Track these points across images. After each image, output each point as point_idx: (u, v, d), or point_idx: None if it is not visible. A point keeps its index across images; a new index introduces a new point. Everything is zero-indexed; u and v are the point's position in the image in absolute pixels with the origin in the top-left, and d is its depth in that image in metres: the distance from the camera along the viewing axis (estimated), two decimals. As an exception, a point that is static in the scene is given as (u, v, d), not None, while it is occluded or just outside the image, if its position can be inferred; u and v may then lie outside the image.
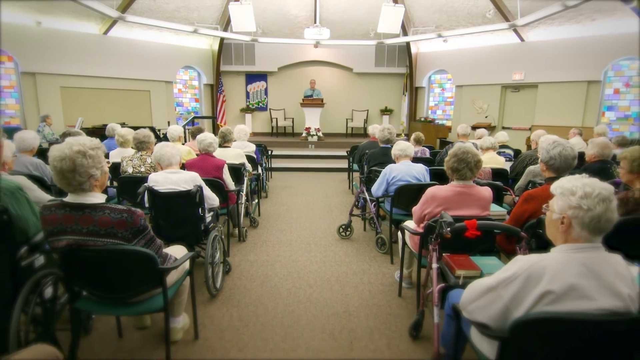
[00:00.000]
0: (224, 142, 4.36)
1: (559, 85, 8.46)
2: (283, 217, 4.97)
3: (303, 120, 10.60)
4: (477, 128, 6.62)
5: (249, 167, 4.59)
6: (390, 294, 2.90)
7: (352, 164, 6.54)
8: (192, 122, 9.36)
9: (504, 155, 4.71)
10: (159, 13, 8.92)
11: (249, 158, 4.78)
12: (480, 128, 6.37)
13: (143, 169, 3.29)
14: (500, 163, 4.20)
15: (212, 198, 2.95)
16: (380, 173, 3.54)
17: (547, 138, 2.41)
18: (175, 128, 4.64)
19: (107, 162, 1.80)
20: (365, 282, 3.11)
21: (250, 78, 11.83)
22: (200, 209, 2.78)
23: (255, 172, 5.06)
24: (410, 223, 2.71)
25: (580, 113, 8.23)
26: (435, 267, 2.08)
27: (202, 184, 2.80)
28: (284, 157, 8.89)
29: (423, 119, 10.74)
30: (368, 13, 9.63)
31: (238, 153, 4.36)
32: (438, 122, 10.77)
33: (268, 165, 7.30)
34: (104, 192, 1.82)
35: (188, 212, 2.73)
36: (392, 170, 3.45)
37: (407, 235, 2.70)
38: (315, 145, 9.99)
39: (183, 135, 5.65)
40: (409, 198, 3.13)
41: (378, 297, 2.86)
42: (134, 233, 1.74)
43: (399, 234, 2.92)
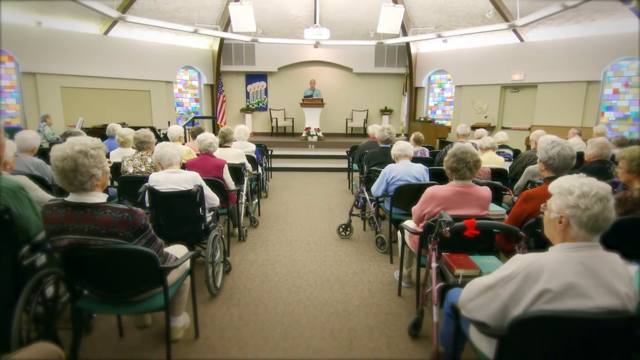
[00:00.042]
0: (224, 142, 4.38)
1: (559, 86, 8.47)
2: (283, 216, 4.98)
3: (303, 120, 10.61)
4: (476, 128, 6.64)
5: (249, 167, 4.61)
6: (390, 293, 2.91)
7: (351, 164, 6.55)
8: (192, 122, 9.37)
9: (504, 155, 4.72)
10: (159, 13, 8.93)
11: (249, 158, 4.79)
12: (480, 128, 6.39)
13: (144, 169, 3.31)
14: (500, 163, 4.21)
15: (212, 198, 2.97)
16: (380, 173, 3.56)
17: (546, 138, 2.42)
18: (176, 128, 4.65)
19: (108, 161, 1.81)
20: (365, 281, 3.12)
21: (250, 78, 11.84)
22: (201, 209, 2.79)
23: (256, 172, 5.07)
24: (410, 223, 2.72)
25: (580, 113, 8.25)
26: (435, 266, 2.09)
27: (202, 184, 2.81)
28: (284, 157, 8.90)
29: (423, 119, 10.75)
30: (368, 13, 9.64)
31: (238, 153, 4.37)
32: (438, 122, 10.78)
33: (268, 165, 7.31)
34: (105, 191, 1.83)
35: (188, 211, 2.74)
36: (391, 170, 3.46)
37: (406, 235, 2.71)
38: (315, 145, 10.00)
39: (183, 135, 5.67)
40: (409, 198, 3.15)
41: (378, 296, 2.87)
42: (135, 232, 1.75)
43: (399, 234, 2.93)
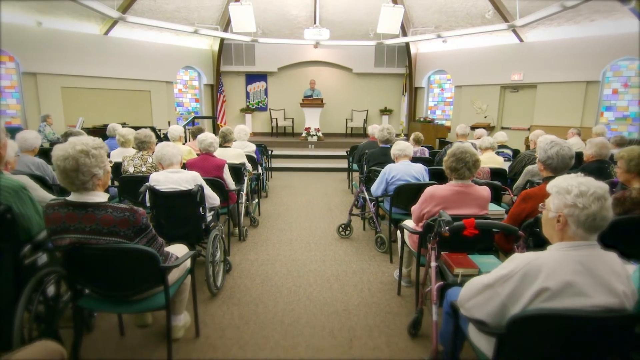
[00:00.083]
0: (225, 142, 4.39)
1: (558, 86, 8.48)
2: (283, 216, 4.99)
3: (303, 121, 10.62)
4: (476, 128, 6.65)
5: (249, 166, 4.62)
6: (390, 293, 2.92)
7: (351, 164, 6.56)
8: (192, 122, 9.39)
9: (503, 155, 4.73)
10: (160, 13, 8.94)
11: (249, 158, 4.80)
12: (479, 128, 6.40)
13: (144, 169, 3.31)
14: (499, 163, 4.22)
15: (212, 197, 2.98)
16: (380, 173, 3.57)
17: (545, 138, 2.43)
18: (176, 128, 4.67)
19: (109, 161, 1.82)
20: (365, 280, 3.13)
21: (250, 78, 11.85)
22: (201, 208, 2.80)
23: (256, 171, 5.08)
24: (409, 222, 2.73)
25: (579, 113, 8.26)
26: (434, 265, 2.10)
27: (203, 184, 2.82)
28: (284, 157, 8.91)
29: (422, 119, 10.76)
30: (368, 13, 9.65)
31: (238, 153, 4.39)
32: (437, 122, 10.78)
33: (268, 165, 7.32)
34: (106, 191, 1.83)
35: (189, 211, 2.75)
36: (391, 170, 3.47)
37: (406, 234, 2.72)
38: (315, 145, 10.01)
39: (183, 135, 5.68)
40: (408, 197, 3.15)
41: (377, 295, 2.88)
42: (136, 232, 1.76)
43: (398, 233, 2.94)
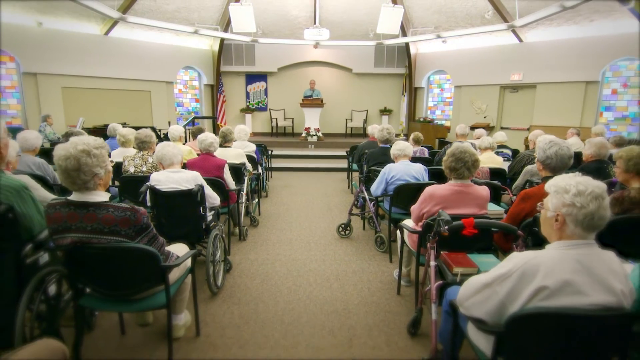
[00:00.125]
0: (225, 142, 4.40)
1: (558, 86, 8.50)
2: (283, 216, 5.00)
3: (303, 121, 10.63)
4: (475, 128, 6.66)
5: (249, 166, 4.63)
6: (389, 292, 2.93)
7: (351, 164, 6.57)
8: (192, 122, 9.40)
9: (502, 155, 4.74)
10: (160, 14, 8.96)
11: (249, 158, 4.82)
12: (479, 128, 6.41)
13: (145, 169, 3.32)
14: (498, 163, 4.23)
15: (213, 197, 2.99)
16: (379, 172, 3.58)
17: (544, 138, 2.44)
18: (176, 128, 4.67)
19: (110, 161, 1.83)
20: (365, 280, 3.14)
21: (250, 78, 11.87)
22: (202, 208, 2.81)
23: (256, 171, 5.09)
24: (409, 222, 2.74)
25: (579, 113, 8.27)
26: (433, 264, 2.11)
27: (203, 183, 2.83)
28: (284, 157, 8.92)
29: (422, 119, 10.77)
30: (367, 14, 9.66)
31: (238, 153, 4.40)
32: (437, 122, 10.80)
33: (268, 165, 7.34)
34: (107, 191, 1.84)
35: (190, 210, 2.76)
36: (391, 170, 3.49)
37: (405, 234, 2.73)
38: (315, 145, 10.03)
39: (184, 135, 5.68)
40: (408, 197, 3.16)
41: (377, 295, 2.89)
42: (137, 231, 1.77)
43: (398, 233, 2.95)
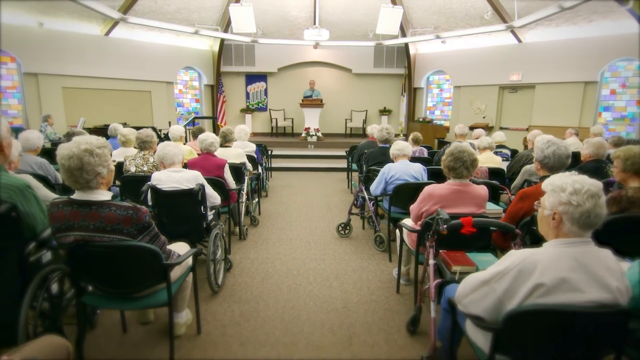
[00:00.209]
0: (225, 141, 4.42)
1: (556, 86, 8.52)
2: (283, 215, 5.02)
3: (302, 121, 10.66)
4: (474, 128, 6.68)
5: (250, 166, 4.65)
6: (389, 291, 2.95)
7: (351, 164, 6.59)
8: (192, 122, 9.42)
9: (501, 155, 4.77)
10: (160, 14, 8.98)
11: (250, 158, 4.84)
12: (478, 128, 6.44)
13: (146, 168, 3.34)
14: (497, 162, 4.25)
15: (213, 196, 3.01)
16: (379, 172, 3.60)
17: (542, 138, 2.46)
18: (177, 128, 4.69)
19: (112, 160, 1.85)
20: (364, 279, 3.16)
21: (250, 79, 11.89)
22: (203, 207, 2.83)
23: (256, 171, 5.11)
24: (408, 221, 2.76)
25: (577, 113, 8.30)
26: (432, 263, 2.13)
27: (204, 183, 2.85)
28: (284, 157, 8.94)
29: (421, 120, 10.79)
30: (367, 14, 9.68)
31: (239, 153, 4.42)
32: (436, 122, 10.83)
33: (268, 165, 7.35)
34: (108, 190, 1.86)
35: (190, 209, 2.78)
36: (390, 170, 3.50)
37: (404, 233, 2.74)
38: (315, 145, 10.04)
39: (184, 135, 5.70)
40: (407, 197, 3.18)
41: (376, 293, 2.91)
42: (139, 229, 1.79)
43: (397, 232, 2.97)
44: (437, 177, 3.50)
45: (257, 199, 5.23)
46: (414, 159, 3.84)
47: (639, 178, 2.32)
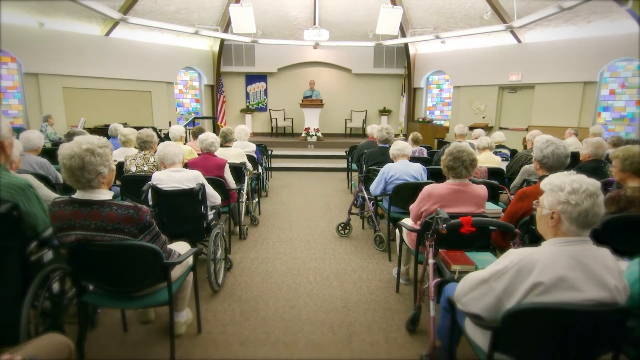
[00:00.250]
0: (225, 141, 4.43)
1: (556, 86, 8.54)
2: (283, 215, 5.03)
3: (302, 121, 10.67)
4: (474, 128, 6.70)
5: (250, 166, 4.66)
6: (388, 290, 2.96)
7: (350, 164, 6.61)
8: (192, 122, 9.43)
9: (501, 155, 4.78)
10: (160, 14, 8.99)
11: (250, 158, 4.85)
12: (478, 128, 6.45)
13: (146, 168, 3.35)
14: (497, 162, 4.27)
15: (214, 196, 3.01)
16: (379, 172, 3.61)
17: (541, 137, 2.47)
18: (177, 128, 4.70)
19: (113, 160, 1.86)
20: (364, 278, 3.17)
21: (250, 79, 11.90)
22: (203, 207, 2.83)
23: (256, 171, 5.12)
24: (408, 221, 2.77)
25: (577, 114, 8.31)
26: (432, 262, 2.14)
27: (204, 183, 2.85)
28: (284, 157, 8.95)
29: (421, 120, 10.81)
30: (367, 14, 9.70)
31: (239, 152, 4.43)
32: (436, 122, 10.84)
33: (268, 165, 7.36)
34: (109, 190, 1.87)
35: (191, 209, 2.79)
36: (390, 169, 3.51)
37: (404, 233, 2.75)
38: (315, 146, 10.05)
39: (185, 135, 5.71)
40: (407, 196, 3.19)
41: (376, 292, 2.92)
42: (140, 229, 1.80)
43: (397, 232, 2.98)
44: (436, 177, 3.51)
45: (257, 199, 5.24)
46: (414, 159, 3.85)
47: (638, 178, 2.33)
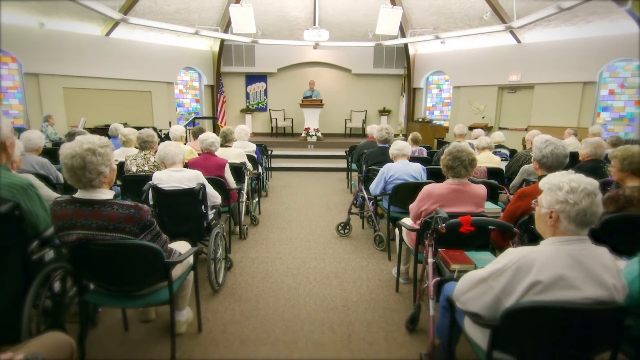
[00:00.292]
0: (226, 141, 4.44)
1: (555, 86, 8.55)
2: (283, 215, 5.03)
3: (302, 121, 10.67)
4: (474, 128, 6.71)
5: (250, 166, 4.67)
6: (388, 289, 2.97)
7: (350, 164, 6.62)
8: (192, 122, 9.44)
9: (500, 155, 4.79)
10: (160, 15, 9.00)
11: (250, 157, 4.86)
12: (477, 128, 6.46)
13: (146, 168, 3.36)
14: (496, 162, 4.28)
15: (214, 196, 3.02)
16: (378, 172, 3.61)
17: (540, 137, 2.48)
18: (178, 128, 4.71)
19: (115, 160, 1.87)
20: (364, 277, 3.18)
21: (250, 79, 11.91)
22: (203, 206, 2.84)
23: (256, 171, 5.13)
24: (408, 220, 2.78)
25: (576, 114, 8.32)
26: (431, 261, 2.15)
27: (205, 182, 2.86)
28: (284, 157, 8.96)
29: (421, 120, 10.81)
30: (366, 15, 9.71)
31: (239, 152, 4.44)
32: (435, 122, 10.85)
33: (268, 165, 7.37)
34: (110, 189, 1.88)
35: (191, 209, 2.80)
36: (389, 169, 3.52)
37: (404, 232, 2.76)
38: (315, 146, 10.06)
39: (185, 135, 5.72)
40: (406, 196, 3.20)
41: (376, 292, 2.93)
42: (141, 228, 1.81)
43: (396, 231, 2.98)
44: (436, 176, 3.52)
45: (257, 199, 5.25)
46: (413, 159, 3.86)
47: (637, 177, 2.34)
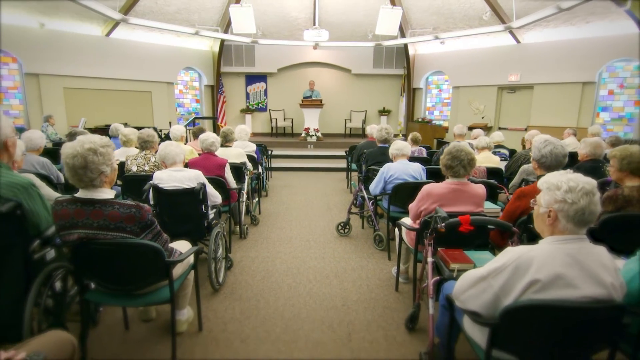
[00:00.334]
0: (226, 141, 4.45)
1: (555, 87, 8.56)
2: (283, 215, 5.04)
3: (302, 121, 10.68)
4: (473, 128, 6.72)
5: (250, 166, 4.68)
6: (388, 289, 2.98)
7: (350, 164, 6.63)
8: (193, 122, 9.44)
9: (500, 155, 4.80)
10: (161, 15, 9.01)
11: (250, 157, 4.87)
12: (477, 128, 6.47)
13: (147, 168, 3.37)
14: (495, 162, 4.29)
15: (215, 195, 3.03)
16: (378, 172, 3.62)
17: (539, 137, 2.49)
18: (178, 128, 4.71)
19: (116, 159, 1.87)
20: (363, 277, 3.19)
21: (250, 79, 11.91)
22: (204, 206, 2.85)
23: (256, 171, 5.14)
24: (407, 220, 2.79)
25: (575, 114, 8.33)
26: (431, 261, 2.16)
27: (205, 182, 2.87)
28: (284, 157, 8.97)
29: (420, 120, 10.82)
30: (366, 15, 9.72)
31: (239, 152, 4.45)
32: (435, 122, 10.86)
33: (268, 165, 7.38)
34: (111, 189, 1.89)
35: (192, 208, 2.81)
36: (389, 169, 3.53)
37: (403, 232, 2.77)
38: (314, 146, 10.07)
39: (185, 135, 5.73)
40: (406, 196, 3.21)
41: (376, 291, 2.94)
42: (142, 227, 1.82)
43: (396, 231, 2.99)
44: (435, 176, 3.53)
45: (257, 199, 5.26)
46: (413, 159, 3.87)
47: (635, 177, 2.35)
